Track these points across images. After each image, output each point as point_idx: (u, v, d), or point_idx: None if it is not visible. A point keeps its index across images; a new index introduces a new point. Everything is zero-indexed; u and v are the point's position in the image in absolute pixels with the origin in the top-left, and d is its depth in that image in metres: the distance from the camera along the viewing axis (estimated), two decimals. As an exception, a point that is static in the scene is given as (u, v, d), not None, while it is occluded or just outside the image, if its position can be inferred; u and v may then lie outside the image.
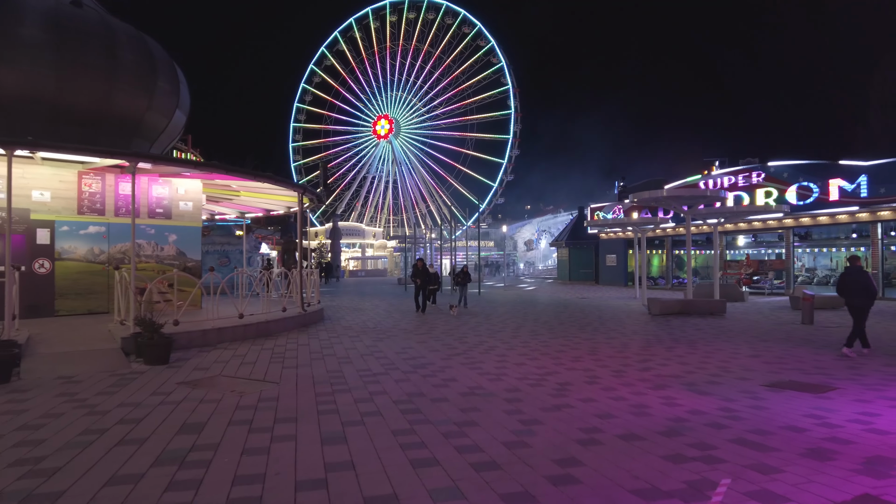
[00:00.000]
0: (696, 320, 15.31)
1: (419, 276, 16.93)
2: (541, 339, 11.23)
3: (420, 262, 17.26)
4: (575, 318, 15.84)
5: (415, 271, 17.37)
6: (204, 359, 9.02)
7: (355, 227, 71.22)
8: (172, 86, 14.13)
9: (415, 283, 17.21)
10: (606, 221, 28.04)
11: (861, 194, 22.79)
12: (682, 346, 10.57)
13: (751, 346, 10.60)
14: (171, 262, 13.38)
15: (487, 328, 13.15)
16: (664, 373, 7.95)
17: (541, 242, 70.46)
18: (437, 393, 6.61)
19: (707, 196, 18.09)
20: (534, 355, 9.37)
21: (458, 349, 9.98)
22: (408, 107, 73.97)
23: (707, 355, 9.47)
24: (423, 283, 16.83)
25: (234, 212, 20.68)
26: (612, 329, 13.14)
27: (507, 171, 66.88)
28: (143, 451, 4.54)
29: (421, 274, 16.93)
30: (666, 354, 9.53)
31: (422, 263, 17.24)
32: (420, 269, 17.07)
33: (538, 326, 13.57)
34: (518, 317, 16.01)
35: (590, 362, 8.74)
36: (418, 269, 17.15)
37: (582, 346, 10.44)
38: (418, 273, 17.06)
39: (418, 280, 16.90)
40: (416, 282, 17.00)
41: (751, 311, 18.17)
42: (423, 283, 16.81)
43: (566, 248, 41.24)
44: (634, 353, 9.69)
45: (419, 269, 17.07)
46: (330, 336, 11.67)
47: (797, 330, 13.22)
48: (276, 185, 12.81)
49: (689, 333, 12.44)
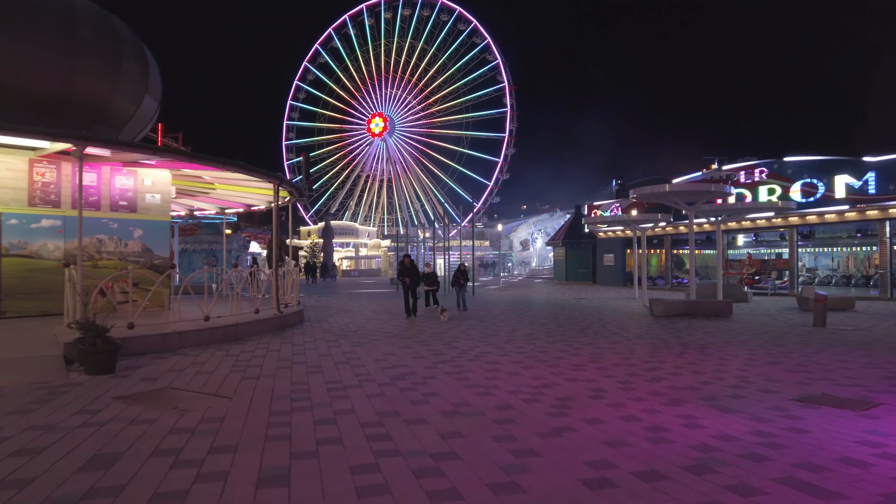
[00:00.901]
0: (703, 322, 14.36)
1: (407, 275, 14.94)
2: (537, 345, 10.23)
3: (407, 258, 15.44)
4: (574, 320, 14.85)
5: (401, 269, 15.45)
6: (157, 367, 7.97)
7: (349, 226, 70.06)
8: (140, 69, 13.05)
9: (402, 283, 15.24)
10: (605, 219, 27.13)
11: (869, 191, 21.94)
12: (692, 351, 9.60)
13: (766, 351, 9.64)
14: (135, 259, 12.30)
15: (480, 332, 12.14)
16: (678, 384, 6.96)
17: (537, 242, 69.58)
18: (413, 412, 5.59)
19: (712, 192, 17.16)
20: (530, 363, 8.37)
21: (445, 356, 8.96)
22: (402, 104, 72.93)
23: (722, 362, 8.49)
24: (413, 283, 14.87)
25: (214, 207, 19.59)
26: (615, 332, 12.15)
27: (502, 169, 65.98)
28: (19, 499, 3.49)
29: (409, 272, 14.96)
30: (676, 361, 8.55)
31: (409, 260, 15.27)
32: (408, 267, 15.10)
33: (535, 329, 12.57)
34: (513, 319, 15.00)
35: (593, 371, 7.74)
36: (405, 266, 15.16)
37: (583, 352, 9.45)
38: (406, 271, 15.08)
39: (407, 279, 14.90)
40: (405, 281, 14.96)
41: (757, 313, 17.24)
42: (412, 282, 14.85)
43: (563, 247, 40.30)
44: (641, 359, 8.70)
45: (406, 267, 15.11)
46: (305, 341, 10.63)
47: (811, 333, 12.28)
48: (248, 175, 11.75)
49: (698, 337, 11.48)
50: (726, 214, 20.43)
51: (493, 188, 66.67)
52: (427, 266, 18.34)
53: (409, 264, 15.23)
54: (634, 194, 17.72)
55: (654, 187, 17.05)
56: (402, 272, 15.24)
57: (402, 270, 15.27)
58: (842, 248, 29.04)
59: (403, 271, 15.23)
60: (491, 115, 67.16)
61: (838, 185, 22.76)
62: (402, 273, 15.22)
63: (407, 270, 15.11)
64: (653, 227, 28.86)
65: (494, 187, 66.86)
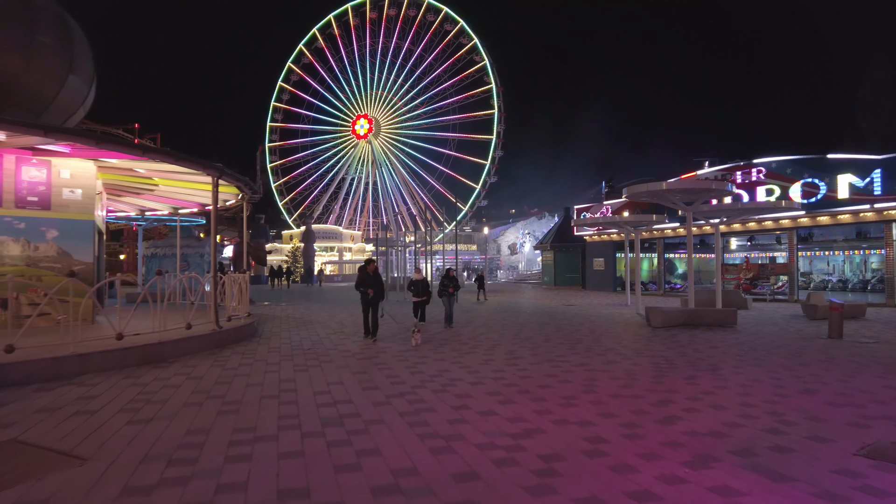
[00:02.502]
0: (706, 334, 12.80)
1: (369, 286, 11.18)
2: (520, 366, 8.55)
3: (371, 265, 11.49)
4: (563, 331, 13.22)
5: (361, 277, 11.37)
6: (28, 404, 6.17)
7: (332, 230, 68.04)
8: (60, 42, 11.22)
9: (362, 295, 11.33)
10: (596, 220, 25.62)
11: (874, 191, 20.63)
12: (704, 373, 7.99)
13: (792, 373, 8.05)
14: (49, 265, 10.44)
15: (453, 349, 10.43)
16: (698, 427, 5.32)
17: (525, 246, 68.12)
18: (331, 489, 3.86)
19: (714, 190, 15.68)
20: (508, 394, 6.68)
21: (403, 385, 7.24)
22: (388, 106, 71.31)
23: (745, 391, 6.88)
24: (376, 296, 11.29)
25: (166, 207, 17.73)
26: (609, 348, 10.52)
27: (490, 172, 64.59)
28: None
29: (371, 282, 11.22)
30: (689, 391, 6.92)
31: (373, 267, 11.47)
32: (370, 276, 11.31)
33: (518, 345, 10.90)
34: (495, 331, 13.33)
35: (587, 408, 6.08)
36: (367, 275, 11.30)
37: (574, 376, 7.78)
38: (367, 281, 11.23)
39: (371, 291, 11.17)
40: (368, 293, 11.19)
41: (763, 322, 15.75)
42: (375, 294, 11.25)
43: (551, 251, 38.79)
44: (645, 387, 7.06)
45: (368, 276, 11.29)
46: (242, 363, 8.84)
47: (832, 347, 10.75)
48: (181, 166, 9.96)
49: (706, 353, 9.89)
50: (725, 216, 18.98)
51: (480, 191, 65.22)
52: (417, 272, 15.36)
53: (373, 272, 11.44)
54: (627, 193, 16.17)
55: (651, 185, 15.53)
56: (363, 282, 11.25)
57: (363, 280, 11.26)
58: (837, 252, 27.86)
59: (364, 281, 11.24)
60: (478, 116, 65.85)
61: (841, 184, 21.45)
62: (363, 283, 11.24)
63: (369, 280, 11.23)
64: (646, 229, 27.43)
65: (482, 190, 65.45)
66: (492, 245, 72.84)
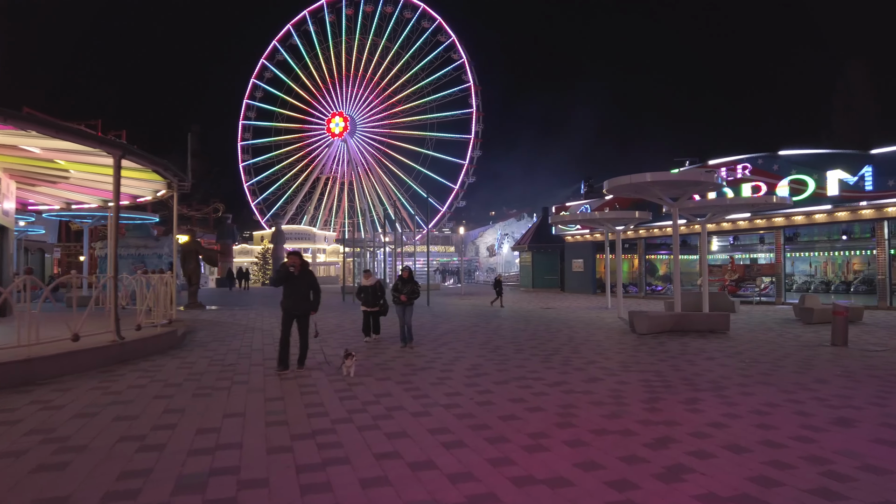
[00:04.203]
0: (698, 342, 11.36)
1: (292, 291, 7.99)
2: (481, 387, 6.90)
3: (294, 257, 8.11)
4: (538, 339, 11.64)
5: (279, 276, 8.08)
6: None
7: (304, 230, 65.66)
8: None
9: (283, 302, 8.07)
10: (575, 217, 24.22)
11: (865, 188, 19.63)
12: (706, 395, 6.45)
13: (812, 393, 6.58)
14: None
15: (405, 363, 8.74)
16: (718, 487, 3.74)
17: (503, 247, 66.82)
18: None
19: (703, 182, 14.31)
20: (458, 431, 5.02)
21: (322, 419, 5.52)
22: (364, 104, 69.41)
23: (762, 421, 5.35)
24: (300, 304, 8.01)
25: (95, 200, 15.68)
26: (591, 360, 8.96)
27: (468, 172, 63.15)
28: None
29: (295, 285, 7.99)
30: (693, 422, 5.36)
31: (298, 262, 8.07)
32: (293, 276, 7.95)
33: (484, 357, 9.27)
34: (462, 339, 11.68)
35: (561, 453, 4.45)
36: (289, 273, 7.96)
37: (547, 401, 6.16)
38: (290, 282, 7.96)
39: (293, 302, 8.02)
40: (291, 301, 8.07)
41: (754, 327, 14.44)
42: (293, 301, 7.99)
43: (529, 252, 37.40)
44: (638, 417, 5.48)
45: (291, 277, 7.95)
46: (133, 385, 7.01)
47: (842, 358, 9.38)
48: (63, 140, 8.06)
49: (703, 367, 8.39)
50: (712, 213, 17.70)
51: (458, 191, 63.71)
52: (367, 275, 11.66)
53: (300, 270, 7.98)
54: (609, 186, 14.70)
55: (634, 177, 14.06)
56: (280, 279, 8.00)
57: (281, 279, 7.98)
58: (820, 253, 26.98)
59: (282, 281, 7.98)
60: (456, 115, 64.40)
61: (830, 181, 20.42)
62: (279, 280, 8.02)
63: (292, 281, 7.94)
64: (626, 230, 26.14)
65: (460, 191, 63.94)
66: (470, 247, 71.36)
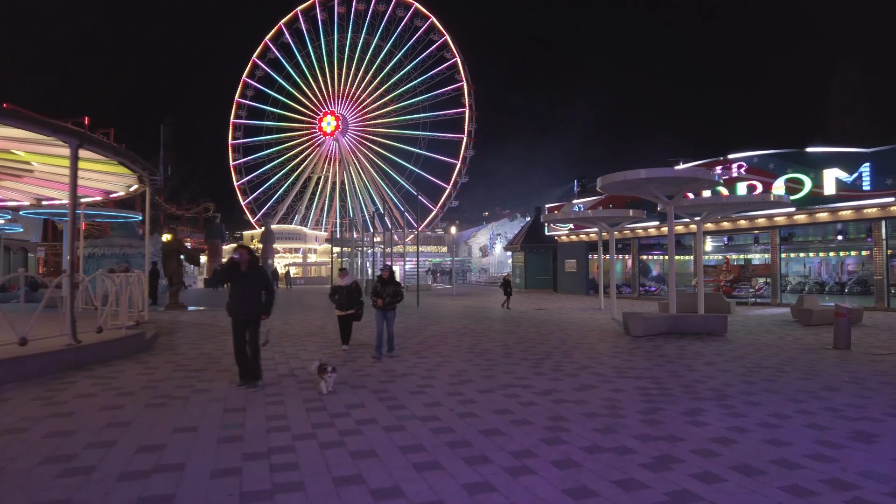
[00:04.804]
0: (696, 345, 10.86)
1: (238, 293, 6.76)
2: (464, 396, 6.33)
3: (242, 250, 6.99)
4: (528, 342, 11.09)
5: (224, 273, 7.06)
6: None
7: (295, 230, 64.81)
8: None
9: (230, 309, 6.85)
10: (568, 216, 23.69)
11: (863, 186, 19.25)
12: (709, 405, 5.92)
13: (823, 402, 6.06)
14: None
15: (384, 369, 8.16)
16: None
17: (496, 248, 66.33)
18: None
19: (700, 179, 13.84)
20: (434, 450, 4.43)
21: (282, 434, 4.92)
22: (356, 103, 68.70)
23: (774, 436, 4.81)
24: (246, 307, 6.72)
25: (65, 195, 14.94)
26: (583, 366, 8.41)
27: (461, 172, 62.63)
28: None
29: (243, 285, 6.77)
30: (697, 437, 4.81)
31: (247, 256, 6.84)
32: (242, 273, 6.77)
33: (471, 362, 8.70)
34: (449, 342, 11.11)
35: (549, 476, 3.87)
36: (237, 270, 6.78)
37: (535, 412, 5.60)
38: (236, 281, 6.80)
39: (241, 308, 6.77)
40: (237, 307, 6.78)
41: (752, 329, 13.97)
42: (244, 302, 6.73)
43: (521, 252, 36.88)
44: (635, 431, 4.92)
45: (240, 274, 6.78)
46: (83, 394, 6.36)
47: (848, 363, 8.91)
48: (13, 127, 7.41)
49: (703, 373, 7.87)
50: (707, 212, 17.24)
51: (451, 191, 63.17)
52: (342, 273, 10.07)
53: (248, 267, 6.76)
54: (602, 183, 14.21)
55: (629, 173, 13.57)
56: (223, 277, 6.97)
57: (224, 276, 6.94)
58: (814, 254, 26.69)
59: (229, 275, 6.82)
60: (449, 115, 63.87)
61: (827, 180, 20.03)
62: (222, 277, 7.06)
63: (239, 280, 6.75)
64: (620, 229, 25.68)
65: (453, 190, 63.41)
66: (463, 247, 70.82)
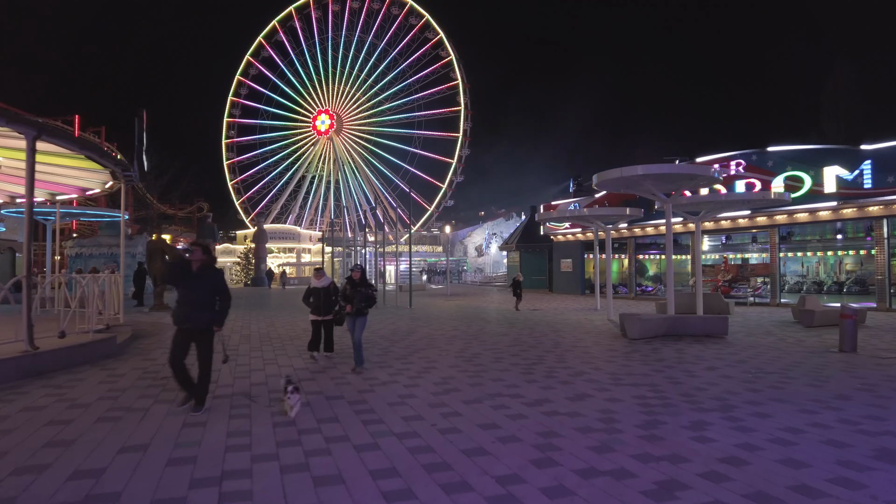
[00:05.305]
0: (696, 348, 10.39)
1: (184, 297, 5.62)
2: (448, 408, 5.83)
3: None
4: (521, 345, 10.59)
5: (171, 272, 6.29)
6: None
7: (289, 230, 64.12)
8: None
9: (174, 311, 5.74)
10: (563, 214, 23.20)
11: (864, 184, 18.86)
12: (714, 417, 5.44)
13: (837, 413, 5.59)
14: None
15: (368, 376, 7.64)
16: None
17: (491, 247, 65.88)
18: None
19: (699, 176, 13.38)
20: (408, 474, 3.92)
21: (243, 455, 4.38)
22: (351, 101, 68.11)
23: (789, 454, 4.34)
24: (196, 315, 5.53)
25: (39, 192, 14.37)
26: (578, 372, 7.92)
27: (457, 171, 62.14)
28: None
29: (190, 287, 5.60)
30: (703, 455, 4.32)
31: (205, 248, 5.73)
32: (187, 273, 5.66)
33: (458, 367, 8.19)
34: (438, 345, 10.61)
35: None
36: (181, 268, 5.77)
37: (524, 426, 5.10)
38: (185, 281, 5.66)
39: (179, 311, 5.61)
40: (182, 314, 5.58)
41: (752, 330, 13.53)
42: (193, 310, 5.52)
43: (517, 251, 36.44)
44: (634, 449, 4.43)
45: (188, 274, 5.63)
46: (32, 406, 5.82)
47: (856, 367, 8.46)
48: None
49: (704, 379, 7.39)
50: (706, 210, 16.79)
51: (447, 190, 62.67)
52: (317, 273, 8.82)
53: (200, 266, 5.66)
54: (598, 180, 13.74)
55: (625, 170, 13.07)
56: (173, 276, 5.94)
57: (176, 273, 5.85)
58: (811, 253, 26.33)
59: (179, 275, 5.74)
60: (445, 113, 63.39)
61: (828, 177, 19.65)
62: (171, 277, 6.06)
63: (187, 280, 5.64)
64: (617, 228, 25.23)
65: (448, 190, 62.90)
66: (458, 246, 70.31)
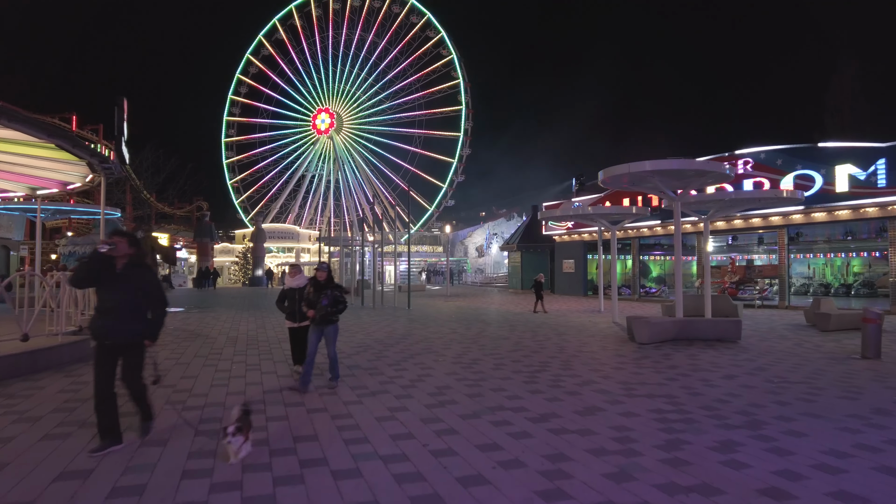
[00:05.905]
0: (709, 354, 9.76)
1: (103, 305, 4.59)
2: (443, 424, 5.19)
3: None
4: (523, 350, 9.95)
5: (83, 274, 4.62)
6: None
7: (287, 229, 63.51)
8: None
9: (91, 321, 4.64)
10: (567, 212, 22.54)
11: (878, 183, 18.20)
12: (743, 435, 4.80)
13: (882, 433, 4.96)
14: None
15: (357, 384, 7.01)
16: None
17: (492, 247, 65.23)
18: None
19: (710, 172, 12.73)
20: (394, 508, 3.32)
21: (201, 484, 3.76)
22: (351, 100, 67.55)
23: (838, 485, 3.71)
24: (121, 327, 4.45)
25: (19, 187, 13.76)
26: (586, 381, 7.29)
27: (457, 171, 61.50)
28: None
29: (112, 291, 4.52)
30: (738, 484, 3.69)
31: (105, 246, 4.43)
32: (112, 274, 4.49)
33: (456, 374, 7.56)
34: (435, 349, 9.97)
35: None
36: (107, 269, 4.45)
37: (528, 447, 4.46)
38: (105, 283, 4.49)
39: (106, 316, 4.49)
40: (102, 329, 4.48)
41: (764, 334, 12.88)
42: (119, 321, 4.45)
43: (518, 251, 35.79)
44: (658, 477, 3.79)
45: (113, 275, 4.47)
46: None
47: (883, 374, 7.83)
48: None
49: (725, 389, 6.76)
50: (715, 209, 16.15)
51: (447, 190, 62.05)
52: (292, 271, 7.73)
53: (130, 265, 4.53)
54: (604, 176, 13.09)
55: (633, 165, 12.44)
56: (87, 276, 4.59)
57: (90, 273, 4.51)
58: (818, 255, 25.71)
59: (94, 275, 4.50)
60: (445, 113, 62.78)
61: (840, 176, 18.99)
62: (82, 278, 4.64)
63: (118, 292, 4.45)
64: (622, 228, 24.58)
65: (449, 189, 62.27)
66: (459, 247, 69.68)
